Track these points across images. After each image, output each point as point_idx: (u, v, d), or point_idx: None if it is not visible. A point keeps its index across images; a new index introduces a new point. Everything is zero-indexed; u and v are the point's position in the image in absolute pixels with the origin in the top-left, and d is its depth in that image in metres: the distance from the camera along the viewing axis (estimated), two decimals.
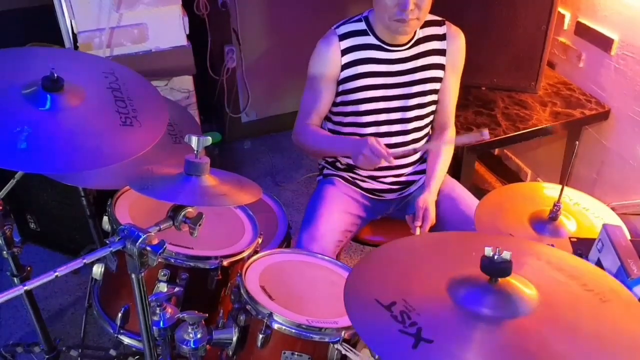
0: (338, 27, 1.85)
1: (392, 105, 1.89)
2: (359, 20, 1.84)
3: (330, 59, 1.83)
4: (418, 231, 1.85)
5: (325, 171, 2.08)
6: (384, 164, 1.69)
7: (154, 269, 1.30)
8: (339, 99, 1.90)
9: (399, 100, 1.88)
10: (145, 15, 2.19)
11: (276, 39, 3.25)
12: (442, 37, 1.87)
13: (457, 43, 1.89)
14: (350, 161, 1.97)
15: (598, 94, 2.45)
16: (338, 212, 1.93)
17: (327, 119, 1.99)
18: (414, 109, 1.90)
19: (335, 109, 1.93)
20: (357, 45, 1.83)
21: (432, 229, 1.93)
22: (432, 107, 1.95)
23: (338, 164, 2.04)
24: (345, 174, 2.02)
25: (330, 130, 1.99)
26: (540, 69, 2.41)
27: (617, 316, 1.07)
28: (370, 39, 1.83)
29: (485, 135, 1.75)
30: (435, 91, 1.92)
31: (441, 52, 1.88)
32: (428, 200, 1.89)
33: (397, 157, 1.88)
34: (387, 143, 1.91)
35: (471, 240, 1.32)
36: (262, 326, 1.33)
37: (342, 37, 1.83)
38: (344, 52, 1.83)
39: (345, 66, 1.84)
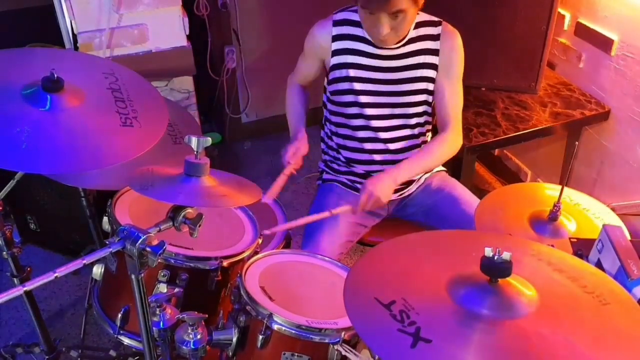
0: (337, 12, 1.87)
1: (380, 100, 1.88)
2: (356, 11, 1.84)
3: (320, 42, 1.87)
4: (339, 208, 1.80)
5: (325, 175, 2.08)
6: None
7: (153, 270, 1.30)
8: (331, 88, 1.91)
9: (387, 97, 1.87)
10: (145, 16, 2.19)
11: (276, 39, 3.25)
12: (436, 38, 1.85)
13: (449, 42, 1.85)
14: (350, 158, 1.97)
15: (598, 94, 2.45)
16: (339, 224, 1.92)
17: (323, 105, 2.01)
18: (402, 107, 1.89)
19: (331, 97, 1.94)
20: (348, 35, 1.84)
21: (434, 228, 1.93)
22: (425, 108, 1.93)
23: (336, 166, 2.04)
24: (344, 178, 2.02)
25: (324, 118, 2.03)
26: (540, 69, 2.41)
27: (616, 319, 1.07)
28: (363, 32, 1.83)
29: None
30: (427, 91, 1.89)
31: (434, 52, 1.85)
32: (378, 176, 1.80)
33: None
34: (375, 137, 1.93)
35: (471, 240, 1.32)
36: (262, 327, 1.33)
37: (337, 22, 1.84)
38: (335, 38, 1.84)
39: (335, 53, 1.85)
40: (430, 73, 1.87)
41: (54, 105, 1.30)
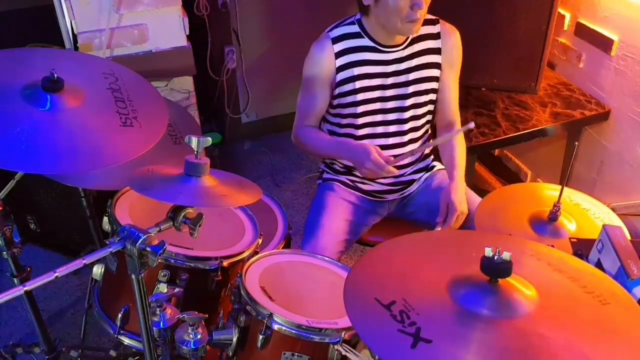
0: (331, 30, 1.86)
1: (389, 106, 1.89)
2: (352, 23, 1.85)
3: (324, 62, 1.83)
4: (440, 227, 1.79)
5: (325, 175, 2.08)
6: (386, 174, 1.73)
7: (154, 270, 1.30)
8: (335, 102, 1.90)
9: (396, 100, 1.88)
10: (145, 16, 2.19)
11: (276, 39, 3.25)
12: (436, 36, 1.87)
13: (451, 40, 1.88)
14: (349, 163, 1.97)
15: (598, 94, 2.45)
16: (339, 222, 1.92)
17: (324, 119, 1.99)
18: (410, 109, 1.90)
19: (333, 111, 1.93)
20: (351, 48, 1.83)
21: (434, 227, 1.93)
22: (430, 107, 1.95)
23: (337, 167, 2.04)
24: (344, 178, 2.02)
25: (328, 131, 1.99)
26: (540, 69, 2.41)
27: (616, 319, 1.07)
28: (365, 41, 1.83)
29: (471, 125, 1.75)
30: (432, 90, 1.91)
31: (436, 51, 1.88)
32: (452, 190, 1.82)
33: (397, 167, 1.88)
34: (383, 144, 1.91)
35: (471, 240, 1.32)
36: (262, 327, 1.33)
37: (335, 40, 1.83)
38: (338, 54, 1.83)
39: (340, 69, 1.84)
40: (435, 72, 1.89)
41: (54, 105, 1.30)
